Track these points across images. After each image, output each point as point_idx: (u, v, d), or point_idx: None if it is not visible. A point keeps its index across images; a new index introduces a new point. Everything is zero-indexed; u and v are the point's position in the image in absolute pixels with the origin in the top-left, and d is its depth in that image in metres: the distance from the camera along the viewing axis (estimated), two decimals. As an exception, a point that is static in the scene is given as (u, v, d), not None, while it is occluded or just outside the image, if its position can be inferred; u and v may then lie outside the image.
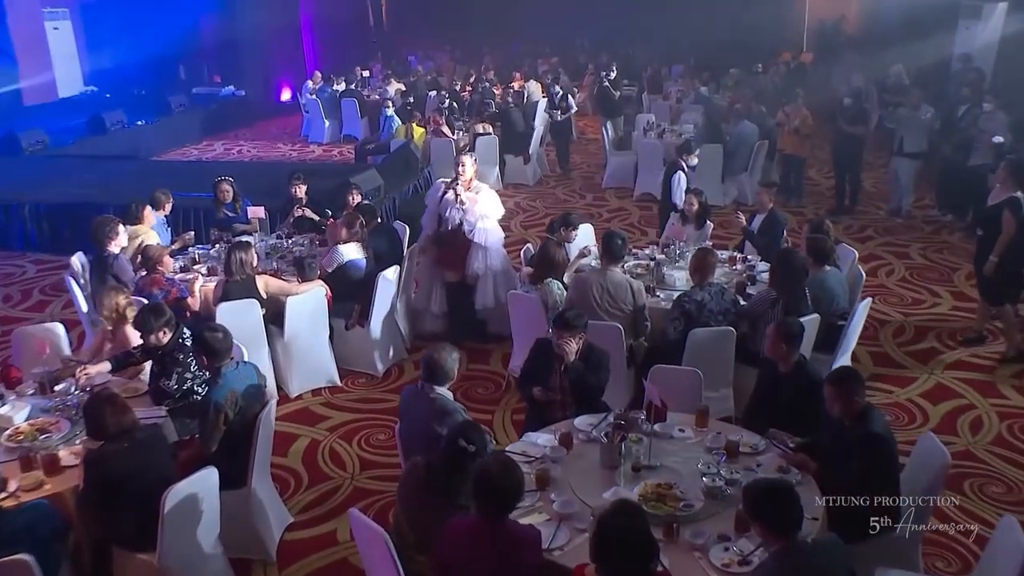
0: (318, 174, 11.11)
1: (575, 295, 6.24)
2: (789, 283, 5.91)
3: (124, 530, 4.31)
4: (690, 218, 7.94)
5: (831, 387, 4.26)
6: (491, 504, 3.56)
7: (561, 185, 13.78)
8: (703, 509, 3.96)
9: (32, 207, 10.95)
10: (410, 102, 15.70)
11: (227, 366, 4.86)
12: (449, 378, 4.60)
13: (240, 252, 6.59)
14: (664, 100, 16.73)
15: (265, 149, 17.76)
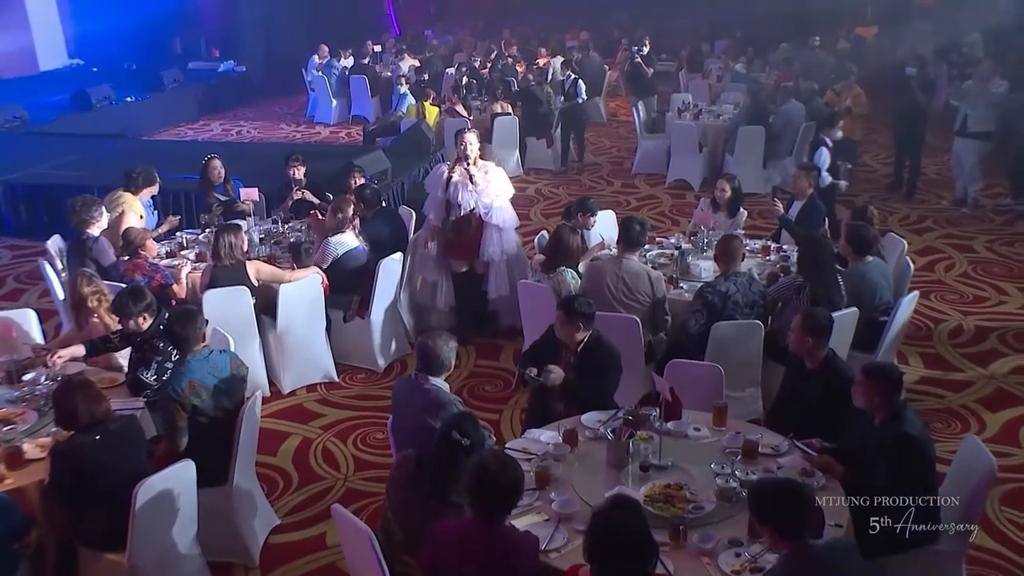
0: (320, 156, 11.34)
1: (588, 284, 6.35)
2: (817, 269, 6.00)
3: (92, 528, 4.45)
4: (721, 205, 8.02)
5: (866, 380, 4.32)
6: (486, 504, 3.66)
7: (588, 170, 13.89)
8: (714, 512, 4.05)
9: (7, 188, 11.21)
10: (424, 79, 15.87)
11: (194, 355, 4.98)
12: (445, 368, 4.73)
13: (229, 235, 6.74)
14: (703, 79, 16.78)
15: (267, 130, 18.02)
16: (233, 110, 19.82)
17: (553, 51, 18.54)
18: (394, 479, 4.22)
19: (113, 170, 9.97)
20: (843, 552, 3.52)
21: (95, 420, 4.40)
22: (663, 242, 7.69)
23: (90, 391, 4.46)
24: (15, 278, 9.95)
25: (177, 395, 4.85)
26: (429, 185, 7.79)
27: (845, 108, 11.93)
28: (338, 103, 18.32)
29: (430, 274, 8.01)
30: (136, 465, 4.47)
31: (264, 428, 6.51)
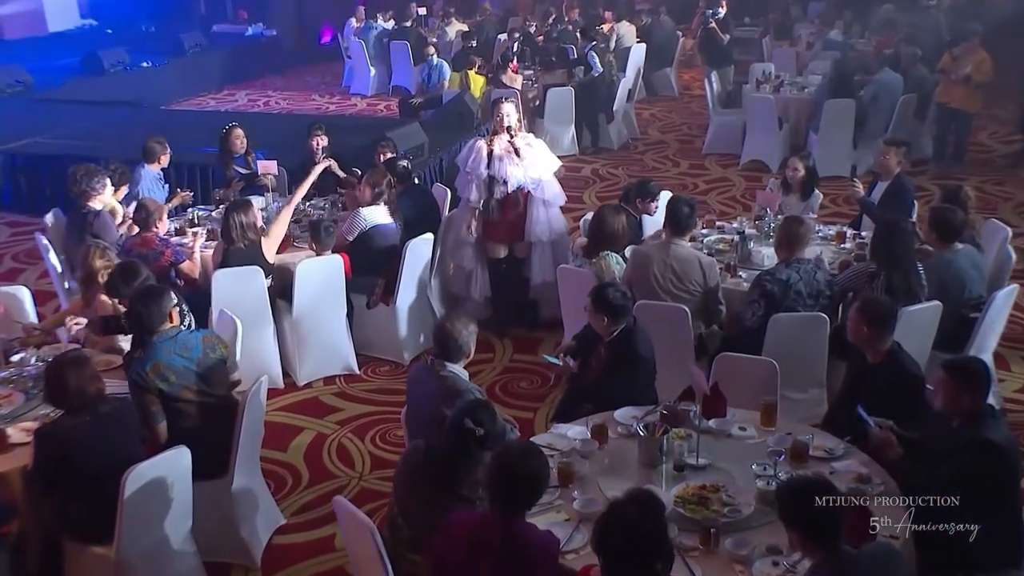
0: (351, 130, 11.62)
1: (633, 273, 6.49)
2: (893, 255, 6.06)
3: (77, 519, 4.67)
4: (793, 186, 8.09)
5: (947, 377, 4.37)
6: (505, 495, 3.81)
7: (652, 150, 13.99)
8: (752, 516, 4.16)
9: (7, 159, 11.67)
10: (471, 46, 16.07)
11: (160, 335, 5.15)
12: (464, 354, 4.91)
13: (239, 215, 6.98)
14: (791, 46, 16.77)
15: (297, 101, 18.44)
16: (261, 79, 20.28)
17: (619, 15, 18.62)
18: (401, 472, 4.40)
19: (124, 141, 10.37)
20: (883, 556, 3.61)
21: (85, 400, 4.60)
22: (724, 227, 7.78)
23: (84, 369, 4.66)
24: (13, 257, 10.38)
25: (142, 379, 5.03)
26: (464, 162, 7.94)
27: (964, 76, 11.81)
28: (377, 72, 18.61)
29: (465, 261, 8.18)
30: (127, 451, 4.65)
31: (275, 422, 6.86)
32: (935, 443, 4.44)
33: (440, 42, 17.15)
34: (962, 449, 4.23)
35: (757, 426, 4.96)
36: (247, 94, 19.13)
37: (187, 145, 10.43)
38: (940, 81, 12.19)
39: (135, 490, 4.47)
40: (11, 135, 12.28)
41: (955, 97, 11.99)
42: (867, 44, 15.67)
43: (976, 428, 4.29)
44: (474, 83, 13.50)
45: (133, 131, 10.95)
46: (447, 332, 4.87)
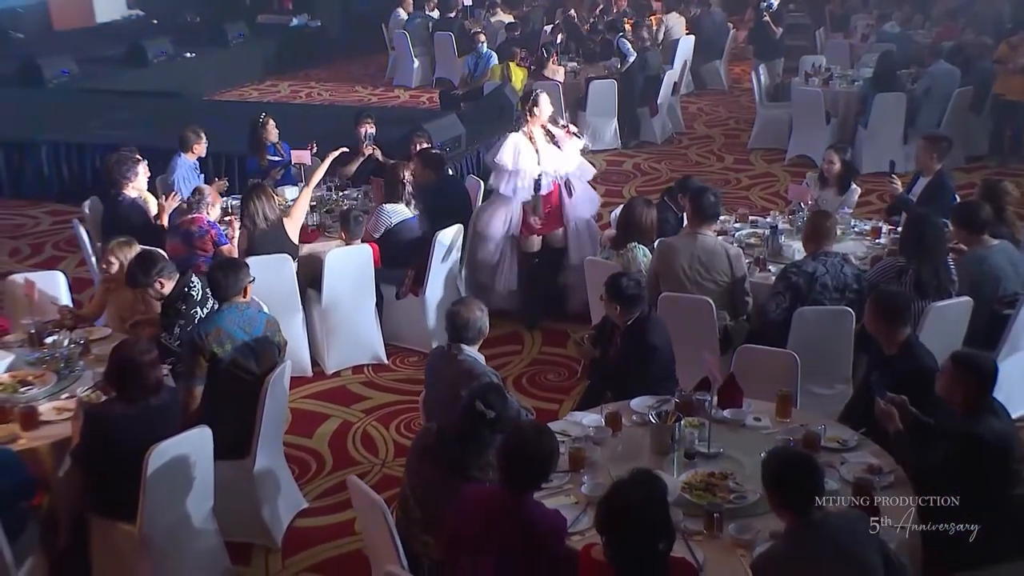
0: (390, 121, 11.83)
1: (660, 266, 6.65)
2: (923, 250, 6.17)
3: (108, 498, 4.92)
4: (830, 180, 8.19)
5: (952, 368, 4.54)
6: (517, 473, 4.03)
7: (696, 144, 14.11)
8: (758, 503, 4.31)
9: (51, 148, 12.06)
10: (515, 36, 16.26)
11: (230, 304, 5.55)
12: (481, 335, 5.16)
13: (258, 200, 7.28)
14: (845, 38, 16.78)
15: (340, 93, 18.73)
16: (304, 70, 20.58)
17: (668, 7, 18.73)
18: (413, 453, 4.62)
19: (165, 131, 10.65)
20: (852, 523, 3.82)
21: (142, 390, 4.85)
22: (757, 221, 7.90)
23: (148, 357, 4.88)
24: (53, 245, 10.75)
25: (200, 338, 5.39)
26: (508, 158, 8.01)
27: (1021, 65, 11.80)
28: (420, 63, 18.81)
29: (488, 256, 8.38)
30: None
31: (302, 409, 7.13)
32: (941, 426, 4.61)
33: (485, 33, 17.32)
34: (951, 439, 4.41)
35: (773, 417, 5.11)
36: (290, 85, 19.46)
37: (226, 136, 10.73)
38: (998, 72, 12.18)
39: (158, 467, 4.69)
40: (56, 125, 12.69)
41: (1012, 88, 11.97)
42: (927, 35, 15.66)
43: (969, 421, 4.45)
44: (515, 75, 13.67)
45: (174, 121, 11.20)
46: (461, 316, 5.11)
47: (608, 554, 3.60)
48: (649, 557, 3.54)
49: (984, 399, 4.51)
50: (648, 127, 14.05)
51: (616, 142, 13.80)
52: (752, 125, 14.13)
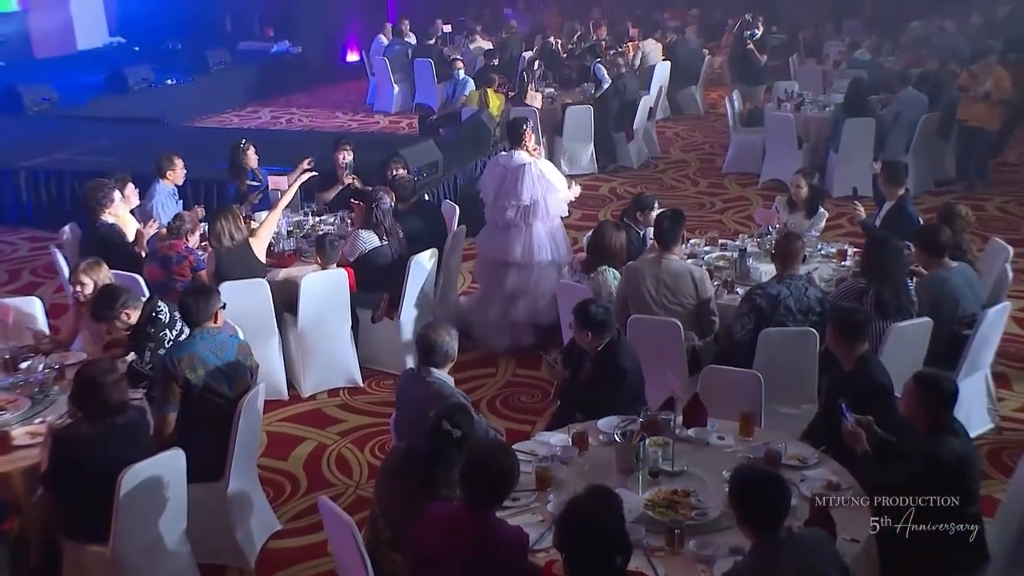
0: (369, 146, 11.93)
1: (627, 288, 6.76)
2: (882, 271, 6.31)
3: (78, 520, 4.98)
4: (798, 204, 8.32)
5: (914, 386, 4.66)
6: (477, 490, 4.11)
7: (672, 169, 14.25)
8: (719, 520, 4.41)
9: (29, 174, 12.11)
10: (493, 64, 16.42)
11: (203, 330, 5.61)
12: (448, 358, 5.23)
13: (224, 220, 7.38)
14: (818, 64, 17.00)
15: (320, 119, 18.87)
16: (285, 96, 20.75)
17: (644, 33, 18.94)
18: (382, 473, 4.70)
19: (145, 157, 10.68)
20: (815, 543, 3.89)
21: (107, 409, 4.91)
22: (727, 244, 8.02)
23: (111, 377, 4.95)
24: (31, 271, 10.80)
25: (173, 365, 5.45)
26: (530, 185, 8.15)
27: (983, 93, 12.02)
28: (400, 89, 18.96)
29: (491, 285, 8.51)
30: (135, 461, 4.88)
31: (278, 432, 7.20)
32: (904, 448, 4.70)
33: (464, 59, 17.47)
34: (913, 458, 4.51)
35: (736, 436, 5.20)
36: (271, 111, 19.59)
37: (206, 162, 10.82)
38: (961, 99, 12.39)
39: (131, 489, 4.74)
40: (35, 152, 12.74)
41: (975, 115, 12.21)
42: (896, 63, 15.89)
43: (931, 441, 4.55)
44: (492, 101, 13.80)
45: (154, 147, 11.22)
46: (430, 339, 5.20)
47: (567, 570, 3.68)
48: (607, 572, 3.62)
49: (945, 418, 4.62)
50: (624, 152, 14.21)
51: (592, 167, 13.94)
52: (727, 150, 14.29)
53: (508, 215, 8.16)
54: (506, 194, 8.16)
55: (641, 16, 22.47)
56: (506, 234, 8.26)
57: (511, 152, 8.38)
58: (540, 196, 8.15)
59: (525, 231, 8.23)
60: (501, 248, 8.29)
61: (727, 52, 19.09)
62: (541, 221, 8.25)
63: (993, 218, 11.56)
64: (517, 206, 8.12)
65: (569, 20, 22.82)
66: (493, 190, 8.29)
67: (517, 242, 8.23)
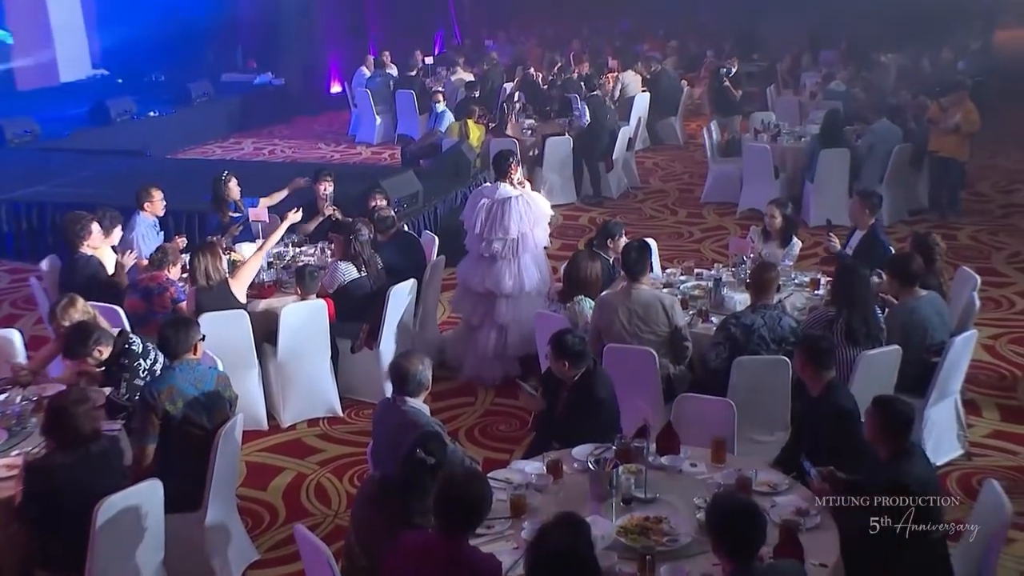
0: (349, 177, 11.97)
1: (600, 321, 6.84)
2: (851, 300, 6.42)
3: (53, 552, 4.97)
4: (772, 233, 8.43)
5: (873, 411, 4.77)
6: (450, 517, 4.16)
7: (651, 199, 14.38)
8: (690, 546, 4.47)
9: (10, 206, 12.12)
10: (474, 96, 16.57)
11: (182, 362, 5.66)
12: (423, 387, 5.30)
13: (204, 256, 7.40)
14: (795, 95, 17.20)
15: (303, 150, 18.94)
16: (268, 127, 20.79)
17: (623, 64, 19.13)
18: (358, 502, 4.75)
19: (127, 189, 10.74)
20: (787, 571, 3.97)
21: (80, 438, 4.94)
22: (702, 273, 8.11)
23: (83, 407, 4.99)
24: (11, 303, 10.79)
25: (153, 397, 5.50)
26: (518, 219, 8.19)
27: (952, 125, 12.18)
28: (382, 120, 19.07)
29: (475, 317, 8.51)
30: (111, 490, 4.93)
31: (257, 462, 7.23)
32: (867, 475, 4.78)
33: (445, 91, 17.62)
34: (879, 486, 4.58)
35: (708, 463, 5.27)
36: (253, 142, 19.64)
37: (186, 193, 10.88)
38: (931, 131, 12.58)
39: (107, 520, 4.77)
40: (16, 184, 12.76)
41: (944, 146, 12.39)
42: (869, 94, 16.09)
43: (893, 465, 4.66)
44: (472, 132, 13.92)
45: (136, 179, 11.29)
46: (403, 368, 5.27)
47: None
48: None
49: (904, 440, 4.71)
50: (604, 182, 14.32)
51: (573, 197, 14.05)
52: (705, 179, 14.41)
53: (495, 247, 8.18)
54: (492, 227, 8.17)
55: (621, 48, 22.70)
56: (493, 266, 8.27)
57: (496, 184, 8.42)
58: (528, 229, 8.21)
59: (514, 262, 8.26)
60: (489, 280, 8.29)
61: (705, 83, 19.31)
62: (529, 252, 8.32)
63: (964, 247, 11.70)
64: (504, 240, 8.15)
65: (550, 51, 23.02)
66: (478, 222, 8.25)
67: (507, 274, 8.24)
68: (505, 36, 25.97)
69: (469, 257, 8.53)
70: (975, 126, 12.32)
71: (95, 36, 22.44)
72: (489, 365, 8.46)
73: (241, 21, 23.35)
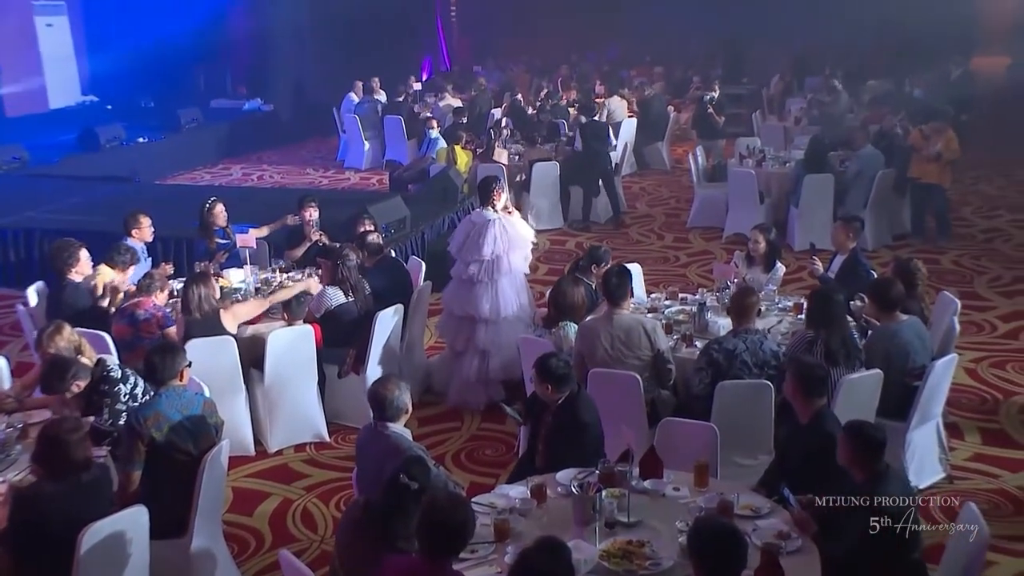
0: (338, 203, 12.06)
1: (583, 347, 6.87)
2: (828, 321, 6.50)
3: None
4: (756, 259, 8.50)
5: (845, 437, 4.84)
6: (433, 541, 4.17)
7: (638, 223, 14.46)
8: (672, 569, 4.50)
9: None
10: (461, 122, 16.67)
11: (168, 388, 5.68)
12: (402, 412, 5.33)
13: (199, 286, 7.42)
14: (780, 121, 17.33)
15: (292, 175, 19.03)
16: (257, 153, 20.87)
17: (609, 90, 19.26)
18: (342, 527, 4.77)
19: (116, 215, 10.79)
20: None
21: (71, 468, 4.94)
22: (687, 298, 8.16)
23: (75, 435, 4.99)
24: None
25: (139, 424, 5.51)
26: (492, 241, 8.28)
27: (934, 153, 12.26)
28: (371, 146, 19.17)
29: (458, 343, 8.55)
30: (98, 518, 4.90)
31: (244, 488, 7.23)
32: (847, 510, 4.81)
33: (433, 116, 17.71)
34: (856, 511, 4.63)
35: (691, 487, 5.30)
36: (242, 168, 19.70)
37: (175, 219, 10.91)
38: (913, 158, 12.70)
39: (92, 547, 4.76)
40: (5, 211, 12.77)
41: (926, 173, 12.49)
42: (855, 119, 16.21)
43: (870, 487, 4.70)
44: (460, 158, 14.01)
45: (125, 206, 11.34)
46: (381, 395, 5.31)
47: (520, 621, 3.76)
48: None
49: (878, 464, 4.77)
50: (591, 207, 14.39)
51: (560, 222, 14.13)
52: (692, 204, 14.50)
53: (471, 270, 8.24)
54: (469, 249, 8.27)
55: (608, 73, 22.85)
56: (471, 290, 8.33)
57: (481, 209, 8.53)
58: (503, 252, 8.25)
59: (491, 287, 8.31)
60: (468, 303, 8.34)
61: (691, 109, 19.45)
62: (505, 277, 8.35)
63: (948, 271, 11.79)
64: (480, 261, 8.22)
65: (538, 78, 23.16)
66: (456, 244, 8.43)
67: (484, 298, 8.29)
68: (494, 62, 26.13)
69: (452, 281, 8.62)
70: (956, 154, 12.45)
71: (85, 63, 22.50)
72: (473, 390, 8.48)
73: (231, 47, 23.46)
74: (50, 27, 21.43)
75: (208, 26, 21.97)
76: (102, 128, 17.77)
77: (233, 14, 22.67)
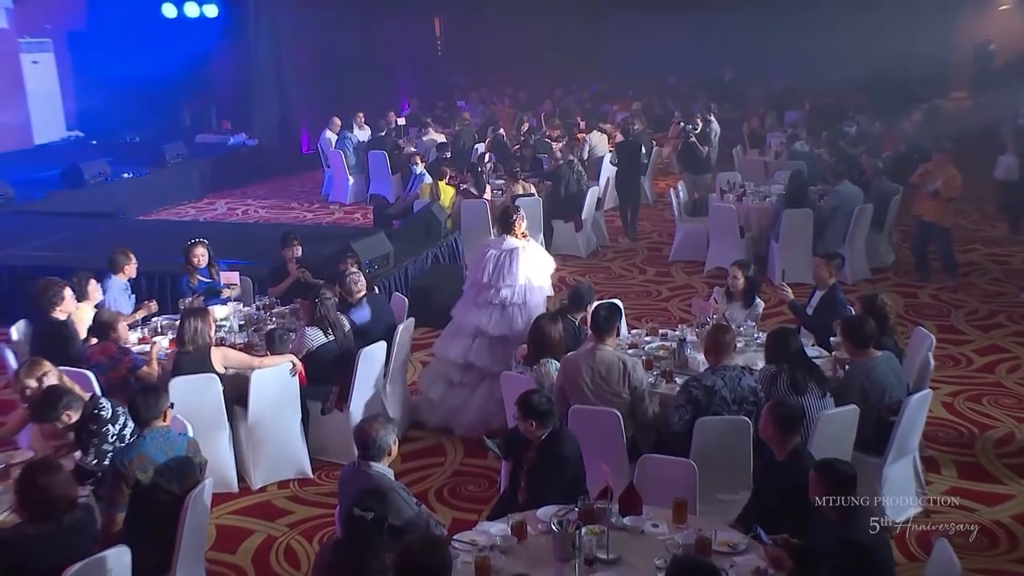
0: (321, 239, 12.14)
1: (565, 382, 6.96)
2: (784, 354, 6.71)
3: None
4: (735, 294, 8.59)
5: (815, 475, 4.94)
6: None
7: (620, 257, 14.56)
8: (649, 605, 4.57)
9: (-22, 270, 12.08)
10: (445, 157, 16.77)
11: (152, 429, 5.72)
12: (384, 452, 5.39)
13: (196, 320, 7.47)
14: (760, 155, 17.50)
15: (277, 210, 19.05)
16: (242, 187, 20.92)
17: (589, 126, 19.42)
18: (315, 568, 4.83)
19: (100, 251, 10.82)
20: None
21: (54, 509, 4.96)
22: (667, 334, 8.24)
23: (57, 477, 5.03)
24: (-21, 368, 10.75)
25: (123, 466, 5.54)
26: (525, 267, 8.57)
27: (934, 190, 12.21)
28: (355, 180, 19.22)
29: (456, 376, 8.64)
30: (80, 559, 4.91)
31: (227, 525, 7.25)
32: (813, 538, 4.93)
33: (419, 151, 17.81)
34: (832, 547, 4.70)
35: (670, 523, 5.36)
36: (227, 203, 19.73)
37: (158, 255, 10.95)
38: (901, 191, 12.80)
39: (75, 587, 4.81)
40: (-12, 247, 12.78)
41: (927, 210, 12.41)
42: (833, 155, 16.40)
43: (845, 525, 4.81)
44: (444, 193, 14.10)
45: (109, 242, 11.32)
46: (366, 434, 5.38)
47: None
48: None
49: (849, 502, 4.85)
50: (572, 241, 14.50)
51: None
52: (674, 238, 14.61)
53: (503, 294, 8.45)
54: (500, 276, 8.47)
55: (590, 109, 23.03)
56: (503, 312, 8.51)
57: (502, 237, 8.76)
58: (534, 275, 8.60)
59: (524, 309, 8.52)
60: (503, 324, 8.50)
61: (674, 144, 19.60)
62: (535, 297, 8.65)
63: (925, 305, 11.93)
64: (513, 286, 8.45)
65: (521, 112, 23.30)
66: (485, 272, 8.54)
67: (519, 318, 8.48)
68: (477, 97, 26.30)
69: (475, 308, 8.63)
70: (957, 191, 12.28)
71: (70, 98, 22.48)
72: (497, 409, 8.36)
73: (216, 83, 23.51)
74: (36, 64, 21.39)
75: (193, 61, 22.02)
76: (87, 164, 17.72)
77: (218, 50, 22.72)
